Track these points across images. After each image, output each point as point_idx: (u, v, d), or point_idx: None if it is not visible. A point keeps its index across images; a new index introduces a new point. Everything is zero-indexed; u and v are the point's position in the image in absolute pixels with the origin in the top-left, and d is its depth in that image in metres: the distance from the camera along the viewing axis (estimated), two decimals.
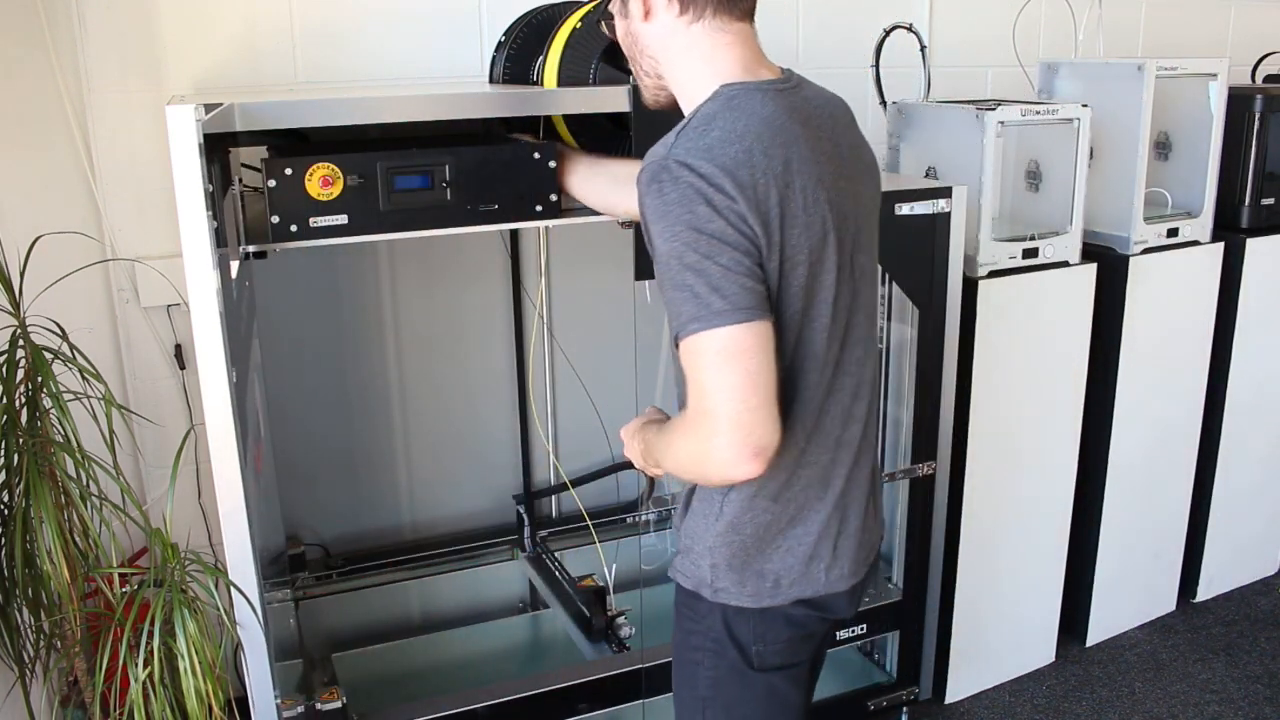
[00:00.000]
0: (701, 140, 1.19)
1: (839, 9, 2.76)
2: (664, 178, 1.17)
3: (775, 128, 1.22)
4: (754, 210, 1.17)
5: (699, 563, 1.37)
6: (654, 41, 1.32)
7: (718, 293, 1.14)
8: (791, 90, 1.29)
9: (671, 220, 1.16)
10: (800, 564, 1.35)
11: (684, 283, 1.15)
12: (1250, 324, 2.80)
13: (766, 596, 1.35)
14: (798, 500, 1.34)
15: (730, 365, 1.14)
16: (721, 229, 1.15)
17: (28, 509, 1.65)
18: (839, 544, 1.37)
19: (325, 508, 2.55)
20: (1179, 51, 3.31)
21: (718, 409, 1.15)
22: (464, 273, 2.54)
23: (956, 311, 2.29)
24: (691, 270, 1.15)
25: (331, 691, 1.89)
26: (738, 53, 1.29)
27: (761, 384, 1.15)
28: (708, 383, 1.15)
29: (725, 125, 1.20)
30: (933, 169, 2.42)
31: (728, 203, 1.15)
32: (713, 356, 1.15)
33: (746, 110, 1.22)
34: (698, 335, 1.15)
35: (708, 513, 1.35)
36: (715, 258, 1.15)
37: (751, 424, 1.14)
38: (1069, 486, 2.62)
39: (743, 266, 1.16)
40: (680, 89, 1.33)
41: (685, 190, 1.16)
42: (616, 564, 2.41)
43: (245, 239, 1.69)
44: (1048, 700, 2.61)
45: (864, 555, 1.42)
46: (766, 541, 1.34)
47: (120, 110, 2.14)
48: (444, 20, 2.37)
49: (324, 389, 2.48)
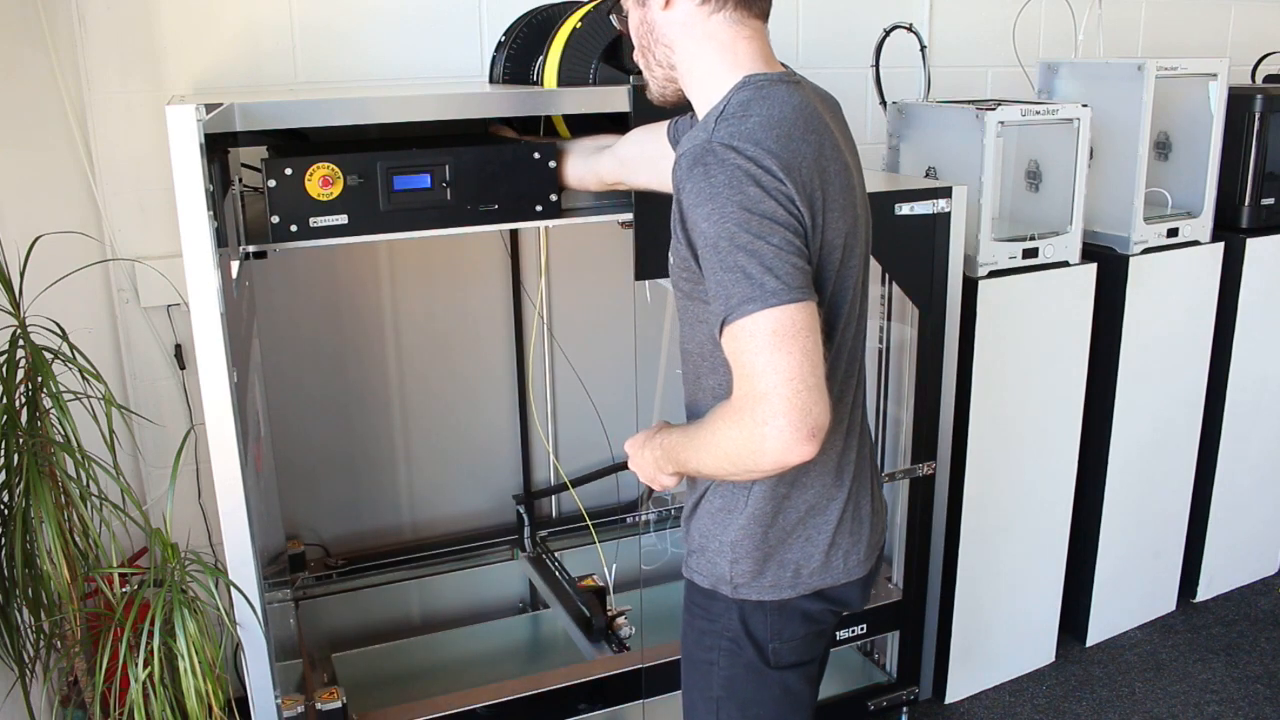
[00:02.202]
0: (742, 125, 1.19)
1: (839, 9, 2.76)
2: (710, 160, 1.17)
3: (806, 116, 1.24)
4: (800, 193, 1.18)
5: (716, 560, 1.37)
6: (671, 30, 1.32)
7: (771, 272, 1.13)
8: (803, 84, 1.32)
9: (721, 201, 1.15)
10: (821, 553, 1.36)
11: (735, 264, 1.14)
12: (1250, 324, 2.80)
13: (787, 587, 1.36)
14: (816, 487, 1.35)
15: (787, 345, 1.13)
16: (773, 209, 1.15)
17: (28, 509, 1.65)
18: (855, 530, 1.39)
19: (325, 508, 2.55)
20: (1179, 51, 3.31)
21: (775, 390, 1.12)
22: (464, 273, 2.54)
23: (956, 311, 2.29)
24: (744, 251, 1.14)
25: (331, 691, 1.89)
26: (756, 46, 1.30)
27: (817, 363, 1.14)
28: (763, 364, 1.13)
29: (762, 112, 1.21)
30: (933, 169, 2.42)
31: (776, 184, 1.16)
32: (769, 337, 1.13)
33: (778, 99, 1.24)
34: (753, 316, 1.13)
35: (729, 508, 1.35)
36: (768, 238, 1.14)
37: (809, 403, 1.13)
38: (1069, 486, 2.62)
39: (793, 246, 1.16)
40: (693, 80, 1.33)
41: (733, 172, 1.16)
42: (616, 564, 2.41)
43: (245, 239, 1.69)
44: (1048, 700, 2.61)
45: (875, 539, 1.44)
46: (788, 531, 1.35)
47: (120, 110, 2.14)
48: (444, 20, 2.37)
49: (324, 389, 2.48)
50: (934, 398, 2.33)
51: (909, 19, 2.57)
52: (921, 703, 2.54)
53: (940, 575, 2.47)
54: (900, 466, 2.36)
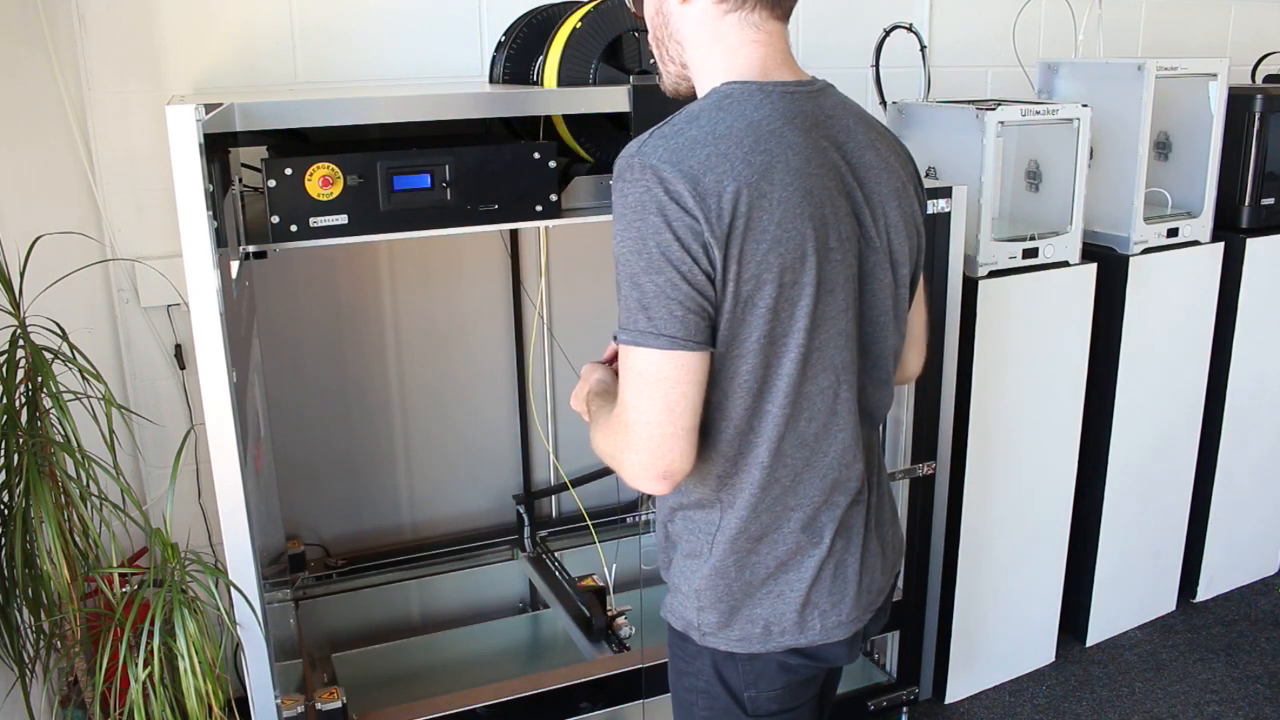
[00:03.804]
0: (674, 140, 1.13)
1: (839, 9, 2.76)
2: (627, 177, 1.13)
3: (762, 132, 1.15)
4: (715, 222, 1.10)
5: (686, 604, 1.31)
6: (684, 26, 1.25)
7: (645, 312, 1.11)
8: (806, 95, 1.21)
9: (625, 223, 1.12)
10: (794, 611, 1.27)
11: (626, 288, 1.12)
12: (1250, 324, 2.80)
13: (757, 643, 1.28)
14: (787, 543, 1.26)
15: (649, 389, 1.12)
16: (668, 244, 1.10)
17: (28, 509, 1.65)
18: (837, 589, 1.29)
19: (325, 508, 2.55)
20: (1179, 51, 3.31)
21: (633, 426, 1.13)
22: (464, 273, 2.54)
23: (956, 311, 2.29)
24: (630, 280, 1.11)
25: (331, 691, 1.89)
26: (762, 52, 1.22)
27: (679, 414, 1.12)
28: (630, 397, 1.14)
29: (705, 125, 1.14)
30: (933, 169, 2.42)
31: (683, 216, 1.09)
32: (635, 375, 1.13)
33: (735, 111, 1.16)
34: (626, 347, 1.13)
35: (695, 553, 1.29)
36: (654, 275, 1.10)
37: (662, 450, 1.12)
38: (1069, 486, 2.62)
39: (679, 291, 1.10)
40: (701, 81, 1.27)
41: (642, 195, 1.11)
42: (616, 564, 2.41)
43: (245, 239, 1.69)
44: (1048, 700, 2.61)
45: (867, 601, 1.32)
46: (755, 586, 1.27)
47: (120, 110, 2.14)
48: (444, 20, 2.37)
49: (324, 389, 2.48)
50: (934, 398, 2.33)
51: (909, 19, 2.57)
52: (921, 703, 2.54)
53: (940, 575, 2.47)
54: (900, 466, 2.36)
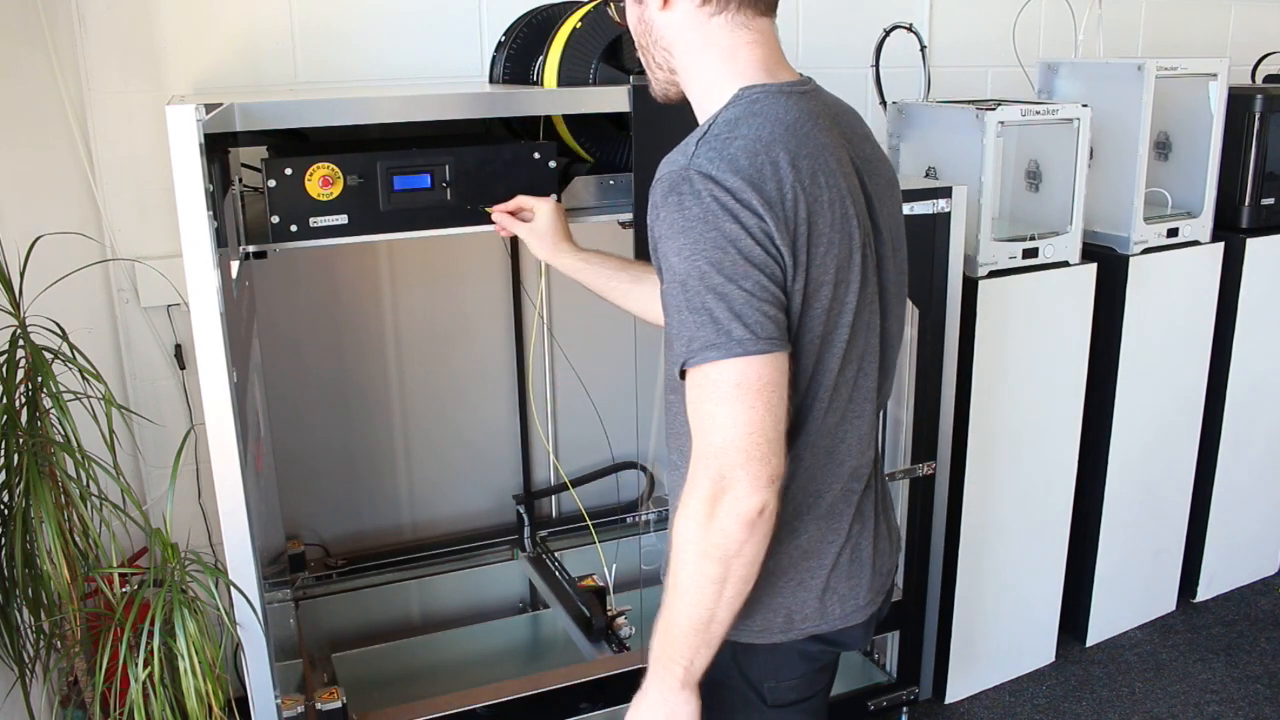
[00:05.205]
0: (725, 150, 1.10)
1: (839, 9, 2.76)
2: (685, 190, 1.08)
3: (801, 136, 1.14)
4: (782, 228, 1.08)
5: None
6: (669, 32, 1.23)
7: (739, 320, 1.06)
8: (812, 94, 1.21)
9: (694, 237, 1.07)
10: (815, 598, 1.27)
11: (703, 305, 1.07)
12: (1250, 324, 2.80)
13: (778, 632, 1.27)
14: (809, 531, 1.26)
15: (750, 399, 1.06)
16: (749, 248, 1.07)
17: (28, 509, 1.65)
18: (854, 574, 1.29)
19: (325, 508, 2.55)
20: (1179, 51, 3.31)
21: (734, 443, 1.07)
22: (464, 273, 2.54)
23: (956, 311, 2.29)
24: (714, 292, 1.06)
25: (331, 691, 1.89)
26: (759, 52, 1.20)
27: (780, 417, 1.09)
28: (722, 415, 1.07)
29: (750, 133, 1.11)
30: (933, 169, 2.42)
31: (755, 220, 1.07)
32: (730, 389, 1.07)
33: (770, 116, 1.14)
34: (716, 364, 1.07)
35: None
36: (740, 281, 1.06)
37: (767, 454, 1.08)
38: (1069, 486, 2.62)
39: (768, 293, 1.08)
40: (693, 87, 1.24)
41: (709, 205, 1.07)
42: (616, 564, 2.41)
43: (245, 239, 1.69)
44: (1048, 700, 2.61)
45: (880, 583, 1.34)
46: (778, 575, 1.25)
47: (120, 110, 2.14)
48: (444, 20, 2.37)
49: (324, 389, 2.48)
50: (934, 398, 2.33)
51: (909, 19, 2.57)
52: (921, 703, 2.54)
53: (940, 575, 2.47)
54: (900, 466, 2.36)
